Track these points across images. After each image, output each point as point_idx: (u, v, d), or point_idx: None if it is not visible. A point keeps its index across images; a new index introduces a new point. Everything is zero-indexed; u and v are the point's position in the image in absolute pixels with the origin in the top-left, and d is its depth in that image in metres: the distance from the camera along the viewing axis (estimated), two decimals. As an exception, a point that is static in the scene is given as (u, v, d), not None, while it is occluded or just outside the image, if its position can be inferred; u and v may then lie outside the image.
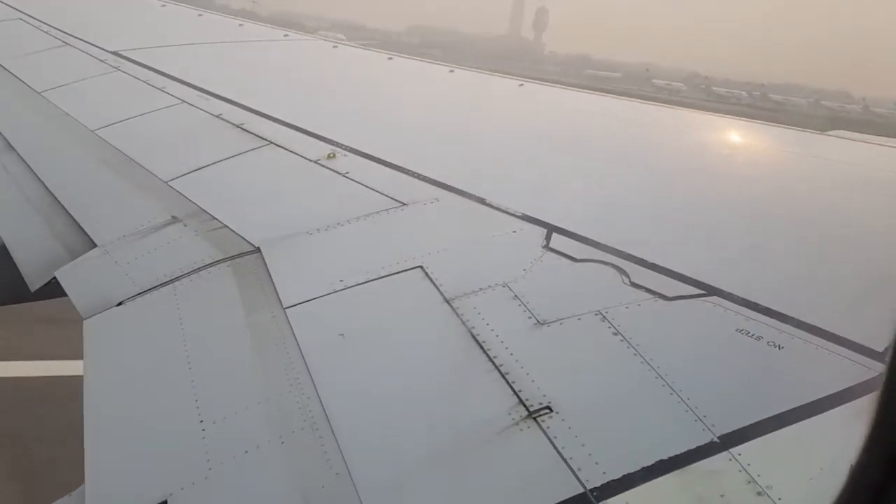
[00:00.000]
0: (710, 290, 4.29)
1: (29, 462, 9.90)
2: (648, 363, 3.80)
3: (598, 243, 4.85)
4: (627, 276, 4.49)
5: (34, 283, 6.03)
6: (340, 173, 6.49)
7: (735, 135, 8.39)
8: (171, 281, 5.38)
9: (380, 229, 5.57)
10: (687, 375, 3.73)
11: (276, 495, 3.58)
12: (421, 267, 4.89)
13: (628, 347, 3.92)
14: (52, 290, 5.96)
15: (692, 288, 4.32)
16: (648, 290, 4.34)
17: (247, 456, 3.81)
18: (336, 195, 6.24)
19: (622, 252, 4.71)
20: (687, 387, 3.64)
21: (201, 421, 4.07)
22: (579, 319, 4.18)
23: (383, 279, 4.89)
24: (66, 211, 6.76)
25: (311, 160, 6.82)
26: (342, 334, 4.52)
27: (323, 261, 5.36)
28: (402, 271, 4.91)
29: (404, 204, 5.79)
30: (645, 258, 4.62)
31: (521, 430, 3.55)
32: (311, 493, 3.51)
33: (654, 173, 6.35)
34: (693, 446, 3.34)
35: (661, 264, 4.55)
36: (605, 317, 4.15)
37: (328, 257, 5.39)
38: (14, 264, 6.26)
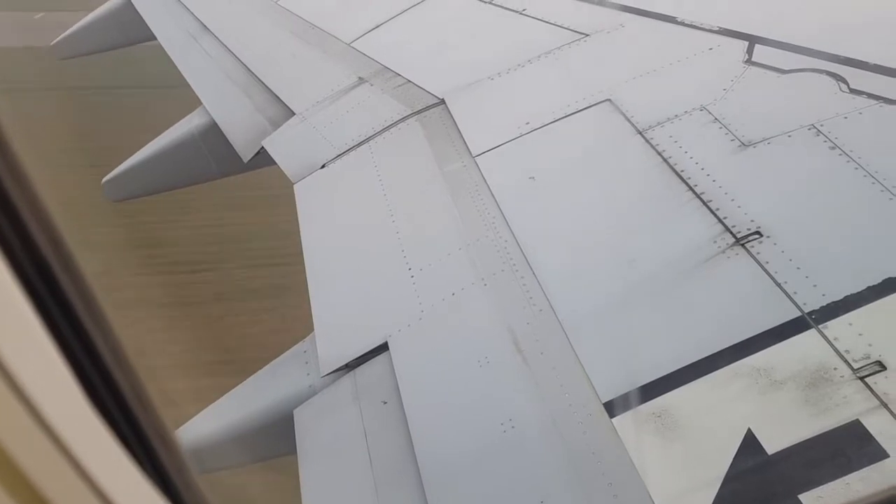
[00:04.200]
0: None
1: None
2: (872, 175, 3.44)
3: (809, 49, 4.33)
4: (845, 83, 4.00)
5: (246, 155, 6.53)
6: (517, 11, 6.25)
7: None
8: (366, 140, 5.58)
9: (562, 65, 5.35)
10: None
11: (486, 332, 3.75)
12: (609, 100, 4.68)
13: (848, 161, 3.56)
14: (262, 159, 6.42)
15: None
16: (871, 95, 3.86)
17: (454, 298, 4.00)
18: (514, 35, 6.05)
19: (838, 56, 4.19)
20: None
21: (409, 269, 4.31)
22: (790, 136, 3.84)
23: (570, 117, 4.75)
24: (263, 83, 7.13)
25: (484, 1, 6.61)
26: (533, 177, 4.50)
27: (507, 105, 5.29)
28: (590, 107, 4.73)
29: (586, 34, 5.49)
30: (866, 59, 4.09)
31: (729, 257, 3.40)
32: (516, 329, 3.64)
33: None
34: None
35: (885, 63, 4.01)
36: (819, 130, 3.77)
37: (512, 101, 5.31)
38: (226, 140, 6.79)
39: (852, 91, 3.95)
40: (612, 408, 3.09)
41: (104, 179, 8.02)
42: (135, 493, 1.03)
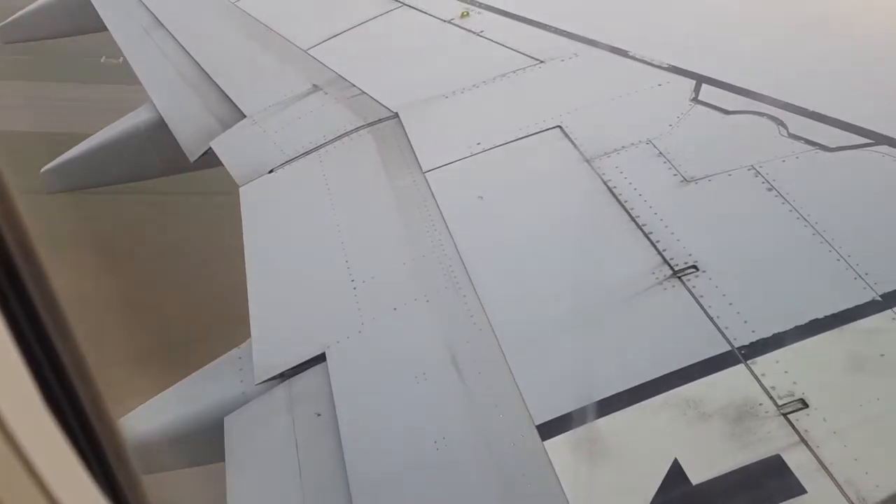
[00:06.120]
0: (880, 139, 3.92)
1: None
2: (805, 219, 3.58)
3: (753, 93, 4.49)
4: (785, 127, 4.17)
5: (193, 154, 6.41)
6: (475, 32, 6.32)
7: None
8: (317, 148, 5.55)
9: (516, 89, 5.43)
10: (847, 231, 3.50)
11: (425, 349, 3.76)
12: (559, 126, 4.76)
13: (783, 203, 3.70)
14: (208, 160, 6.32)
15: (858, 137, 3.96)
16: (808, 142, 4.03)
17: (395, 313, 4.00)
18: (471, 56, 6.11)
19: (780, 101, 4.36)
20: (847, 243, 3.42)
21: (352, 280, 4.29)
22: (730, 175, 3.97)
23: (521, 140, 4.82)
24: (215, 83, 7.03)
25: (444, 20, 6.67)
26: (481, 196, 4.54)
27: (460, 124, 5.33)
28: (541, 132, 4.81)
29: (541, 61, 5.59)
30: (806, 106, 4.26)
31: (665, 289, 3.49)
32: (456, 347, 3.65)
33: (813, 12, 5.74)
34: (851, 305, 3.17)
35: (824, 112, 4.18)
36: (758, 172, 3.91)
37: (465, 120, 5.35)
38: (172, 137, 6.66)
39: (791, 136, 4.11)
40: (544, 431, 3.13)
41: (43, 169, 7.78)
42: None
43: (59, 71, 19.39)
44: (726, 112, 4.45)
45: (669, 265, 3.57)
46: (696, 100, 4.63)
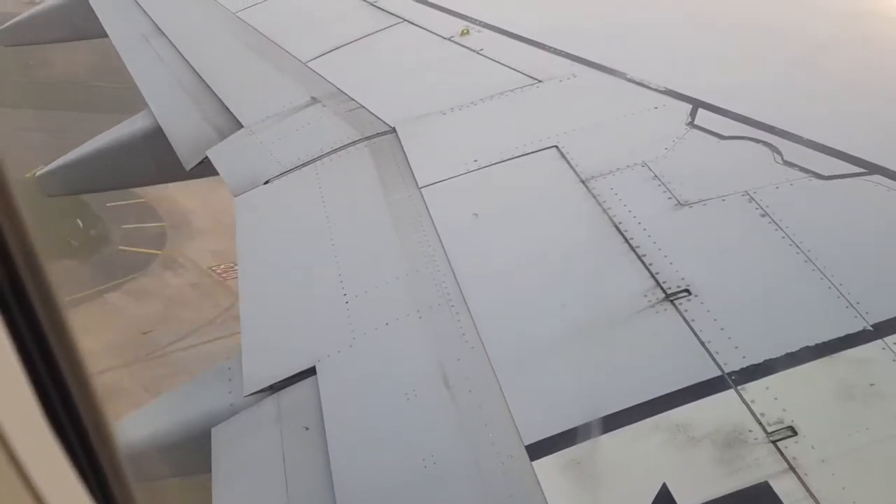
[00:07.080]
0: (873, 169, 3.95)
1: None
2: (798, 246, 3.59)
3: (749, 119, 4.52)
4: (780, 154, 4.19)
5: (189, 163, 6.41)
6: (474, 50, 6.35)
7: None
8: (313, 161, 5.56)
9: (514, 107, 5.45)
10: (840, 259, 3.51)
11: (416, 365, 3.75)
12: (556, 146, 4.78)
13: (776, 230, 3.71)
14: (204, 169, 6.32)
15: (852, 166, 3.99)
16: (802, 169, 4.05)
17: (388, 328, 3.99)
18: (470, 73, 6.13)
19: (775, 128, 4.39)
20: (839, 272, 3.43)
21: (344, 294, 4.28)
22: (724, 200, 3.98)
23: (517, 159, 4.83)
24: (213, 92, 7.04)
25: (444, 38, 6.70)
26: (476, 214, 4.55)
27: (457, 140, 5.35)
28: (537, 151, 4.82)
29: (539, 81, 5.61)
30: (800, 134, 4.29)
31: (658, 312, 3.49)
32: (447, 364, 3.65)
33: (810, 42, 5.79)
34: (843, 333, 3.18)
35: (819, 140, 4.21)
36: (752, 197, 3.93)
37: (462, 137, 5.37)
38: (169, 145, 6.66)
39: (786, 163, 4.13)
40: (533, 451, 3.12)
41: (38, 173, 7.78)
42: None
43: None
44: (721, 137, 4.48)
45: (662, 288, 3.58)
46: (691, 124, 4.65)
